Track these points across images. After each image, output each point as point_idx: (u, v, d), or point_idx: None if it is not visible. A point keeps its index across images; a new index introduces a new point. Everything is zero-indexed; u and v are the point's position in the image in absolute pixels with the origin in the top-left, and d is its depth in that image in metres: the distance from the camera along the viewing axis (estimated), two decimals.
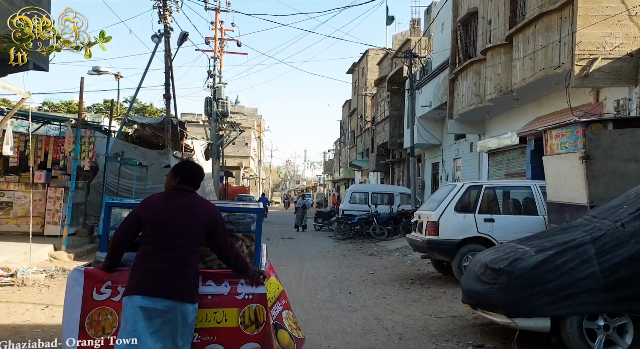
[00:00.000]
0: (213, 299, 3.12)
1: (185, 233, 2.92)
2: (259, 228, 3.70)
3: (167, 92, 17.00)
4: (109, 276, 3.10)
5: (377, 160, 28.86)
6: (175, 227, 2.91)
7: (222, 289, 3.16)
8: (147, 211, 2.98)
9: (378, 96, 28.46)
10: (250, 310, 3.17)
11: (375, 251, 12.62)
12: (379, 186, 23.42)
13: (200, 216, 2.98)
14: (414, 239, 8.18)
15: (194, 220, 2.96)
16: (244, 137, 60.18)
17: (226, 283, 3.18)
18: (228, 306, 3.15)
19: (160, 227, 2.90)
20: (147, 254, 2.89)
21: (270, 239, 16.33)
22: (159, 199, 3.08)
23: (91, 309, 3.08)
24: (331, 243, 15.30)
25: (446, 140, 19.45)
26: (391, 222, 16.63)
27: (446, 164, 19.29)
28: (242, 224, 3.96)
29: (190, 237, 2.93)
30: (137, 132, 19.98)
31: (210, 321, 3.09)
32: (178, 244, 2.89)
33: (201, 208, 3.04)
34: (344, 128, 42.17)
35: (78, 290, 3.10)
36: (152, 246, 2.89)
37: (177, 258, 2.88)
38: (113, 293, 3.10)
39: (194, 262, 2.96)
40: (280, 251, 12.62)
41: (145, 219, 2.95)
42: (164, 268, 2.84)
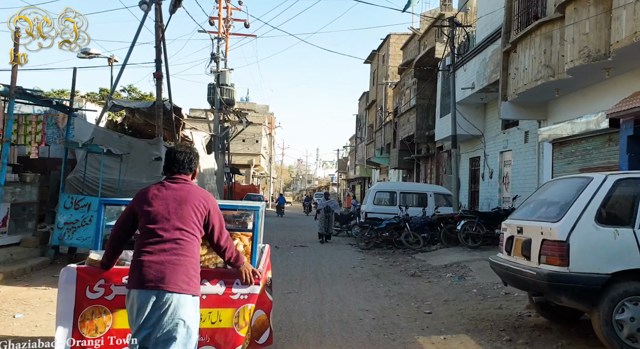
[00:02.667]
0: (208, 299, 3.09)
1: (178, 223, 2.77)
2: (256, 227, 3.55)
3: (158, 71, 14.15)
4: (102, 274, 3.09)
5: (400, 156, 25.84)
6: (167, 217, 2.77)
7: (217, 288, 3.14)
8: (139, 204, 2.85)
9: (402, 84, 25.42)
10: (245, 311, 3.15)
11: (416, 268, 9.62)
12: (408, 184, 20.24)
13: (192, 205, 2.82)
14: (511, 268, 4.85)
15: (185, 209, 2.80)
16: (254, 134, 57.63)
17: (221, 282, 3.16)
18: (223, 306, 3.12)
19: (151, 218, 2.77)
20: (142, 246, 2.77)
21: (279, 247, 13.43)
22: (150, 190, 2.89)
23: (84, 307, 3.09)
24: (354, 254, 12.33)
25: (490, 130, 16.37)
26: (426, 228, 13.62)
27: (490, 158, 16.21)
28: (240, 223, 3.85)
29: (183, 226, 2.78)
30: (127, 120, 17.19)
31: (205, 321, 3.07)
32: (171, 235, 2.75)
33: (193, 197, 2.85)
34: (361, 123, 39.17)
35: (71, 288, 3.10)
36: (146, 239, 2.78)
37: (172, 249, 2.74)
38: (106, 292, 3.10)
39: (191, 251, 2.79)
40: (290, 267, 9.69)
41: (138, 212, 2.83)
42: (159, 259, 2.71)
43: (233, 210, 4.05)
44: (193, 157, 3.00)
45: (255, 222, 3.63)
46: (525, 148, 13.69)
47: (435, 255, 11.18)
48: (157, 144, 14.31)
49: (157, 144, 14.31)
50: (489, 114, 16.45)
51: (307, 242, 15.16)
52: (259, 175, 61.87)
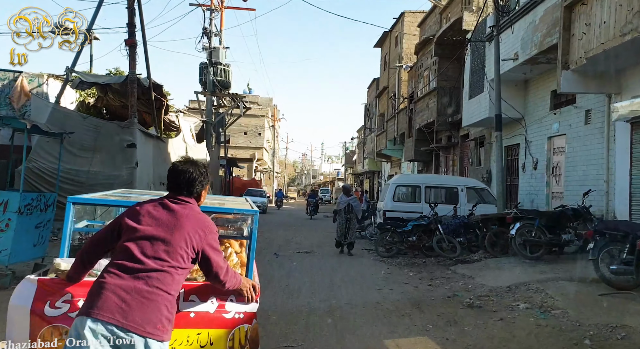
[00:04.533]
0: (196, 318, 2.64)
1: (163, 251, 2.33)
2: (253, 233, 2.99)
3: (131, 37, 11.54)
4: (69, 288, 2.59)
5: (416, 146, 23.10)
6: (152, 241, 2.34)
7: (207, 306, 2.68)
8: (129, 217, 2.44)
9: (419, 66, 22.66)
10: (242, 332, 2.71)
11: (466, 290, 6.94)
12: (434, 176, 17.19)
13: (187, 234, 2.37)
14: None
15: (177, 237, 2.36)
16: (257, 126, 55.04)
17: (213, 299, 2.68)
18: (215, 327, 2.67)
19: (134, 237, 2.36)
20: (112, 266, 2.32)
21: (280, 254, 10.81)
22: (146, 206, 2.48)
23: (41, 328, 2.58)
24: (375, 265, 9.69)
25: (533, 111, 13.63)
26: (462, 230, 10.95)
27: (533, 145, 13.48)
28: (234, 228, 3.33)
29: (168, 256, 2.33)
30: (100, 102, 14.58)
31: (193, 344, 2.62)
32: (151, 262, 2.30)
33: (190, 225, 2.40)
34: (370, 112, 36.41)
35: (25, 304, 2.56)
36: (120, 259, 2.33)
37: (147, 278, 2.27)
38: (71, 308, 2.57)
39: (169, 285, 2.30)
40: (293, 289, 7.05)
41: (124, 227, 2.42)
42: (127, 286, 2.23)
43: (227, 214, 3.36)
44: (198, 177, 2.49)
45: (252, 229, 3.02)
46: (586, 131, 10.95)
47: (484, 269, 8.48)
48: (130, 128, 11.70)
49: (129, 127, 11.71)
50: (532, 92, 13.70)
51: (313, 247, 12.51)
52: (261, 169, 59.28)
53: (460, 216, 11.34)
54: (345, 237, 11.37)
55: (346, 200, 11.70)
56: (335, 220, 11.76)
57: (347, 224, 11.37)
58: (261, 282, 7.48)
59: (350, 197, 11.92)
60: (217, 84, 18.17)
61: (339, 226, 11.49)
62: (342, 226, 11.39)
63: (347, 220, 11.39)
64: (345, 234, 11.36)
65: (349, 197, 11.85)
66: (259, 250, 11.36)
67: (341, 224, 11.43)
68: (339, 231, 11.49)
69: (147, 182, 12.42)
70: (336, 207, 11.98)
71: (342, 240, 11.41)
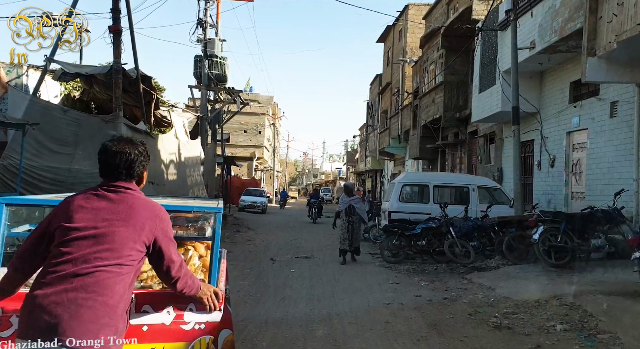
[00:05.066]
0: (150, 331, 2.31)
1: (105, 249, 1.99)
2: (216, 234, 2.68)
3: (115, 23, 10.62)
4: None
5: (422, 144, 22.17)
6: (89, 240, 2.00)
7: (162, 317, 2.35)
8: (58, 216, 2.09)
9: (424, 60, 21.71)
10: (202, 345, 2.38)
11: (488, 304, 6.01)
12: (443, 175, 16.00)
13: (132, 226, 2.05)
14: None
15: (121, 231, 2.03)
16: (257, 124, 54.17)
17: (169, 308, 2.37)
18: (171, 340, 2.34)
19: (67, 239, 2.01)
20: (42, 276, 1.99)
21: (277, 259, 9.89)
22: (76, 199, 2.12)
23: None
24: (381, 272, 8.76)
25: (549, 105, 12.69)
26: (475, 234, 10.02)
27: (550, 141, 12.54)
28: (196, 228, 2.96)
29: (111, 255, 1.99)
30: (87, 95, 13.67)
31: None
32: (89, 265, 1.96)
33: (136, 215, 2.08)
34: (373, 109, 35.47)
35: None
36: (51, 266, 1.99)
37: (83, 285, 1.92)
38: (3, 326, 2.19)
39: (112, 290, 1.96)
40: (289, 301, 6.14)
41: (56, 228, 2.06)
42: (59, 296, 1.90)
43: (187, 212, 2.98)
44: (136, 158, 2.19)
45: (215, 228, 2.71)
46: (611, 125, 10.01)
47: (505, 278, 7.55)
48: (114, 122, 10.79)
49: (114, 121, 10.80)
50: (549, 84, 12.75)
51: (313, 251, 11.59)
52: (262, 168, 58.40)
53: (473, 218, 10.41)
54: (350, 243, 9.95)
55: (347, 200, 10.24)
56: (336, 225, 10.55)
57: (350, 229, 10.00)
58: (254, 294, 6.63)
59: (352, 197, 10.46)
60: (212, 77, 17.25)
61: (342, 230, 10.10)
62: (345, 231, 10.01)
63: (349, 223, 10.02)
64: (349, 239, 9.94)
65: (351, 198, 10.40)
66: (254, 255, 10.44)
67: (343, 228, 10.08)
68: (341, 235, 10.10)
69: None
70: (337, 209, 10.69)
71: (345, 246, 9.95)
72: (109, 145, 2.21)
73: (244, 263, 9.35)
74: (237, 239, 13.63)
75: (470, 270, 8.67)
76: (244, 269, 8.48)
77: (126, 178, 2.19)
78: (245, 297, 6.28)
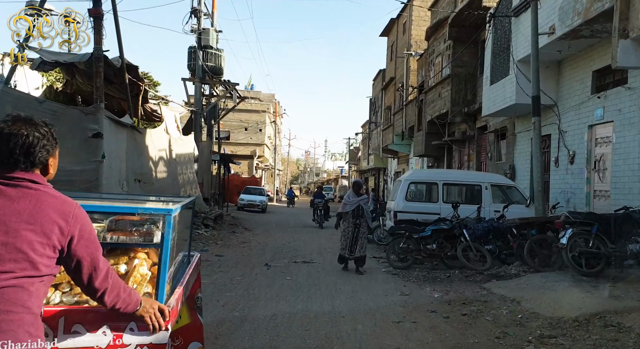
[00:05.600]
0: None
1: (8, 262, 1.65)
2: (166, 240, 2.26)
3: (96, 6, 9.70)
4: None
5: (427, 140, 21.22)
6: None
7: (97, 338, 2.00)
8: None
9: (430, 52, 20.75)
10: None
11: (517, 327, 5.06)
12: (454, 172, 15.23)
13: (38, 228, 1.68)
14: None
15: (23, 235, 1.66)
16: (257, 122, 53.25)
17: (105, 328, 2.00)
18: None
19: None
20: None
21: (272, 265, 8.99)
22: None
23: None
24: (388, 280, 7.83)
25: (568, 96, 11.73)
26: (491, 237, 9.08)
27: (569, 135, 11.58)
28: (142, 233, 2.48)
29: (16, 266, 1.65)
30: (69, 87, 12.77)
31: None
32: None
33: (42, 213, 1.71)
34: (376, 106, 34.51)
35: None
36: None
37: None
38: None
39: (23, 304, 1.66)
40: (281, 319, 5.20)
41: None
42: None
43: (130, 214, 2.52)
44: (36, 141, 1.74)
45: (164, 233, 2.30)
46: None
47: (529, 289, 6.60)
48: (95, 114, 9.88)
49: (95, 113, 9.89)
50: (568, 73, 11.78)
51: (313, 255, 10.67)
52: (263, 167, 57.49)
53: (488, 219, 9.47)
54: (352, 250, 8.57)
55: (356, 200, 8.75)
56: (339, 226, 9.09)
57: (356, 233, 8.61)
58: (240, 309, 5.69)
59: (362, 197, 8.96)
60: (207, 70, 16.32)
61: (344, 235, 8.73)
62: (349, 235, 8.61)
63: (355, 227, 8.62)
64: (352, 247, 8.58)
65: (360, 197, 8.86)
66: (248, 260, 9.51)
67: (347, 232, 8.65)
68: (343, 241, 8.74)
69: (118, 179, 10.60)
70: (341, 209, 9.02)
71: (346, 253, 8.65)
72: (1, 126, 1.76)
73: (235, 269, 8.43)
74: (231, 241, 12.72)
75: (488, 278, 7.74)
76: (234, 277, 7.56)
77: (26, 167, 1.75)
78: (229, 314, 5.36)
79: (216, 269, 8.27)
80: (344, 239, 8.77)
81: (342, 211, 8.88)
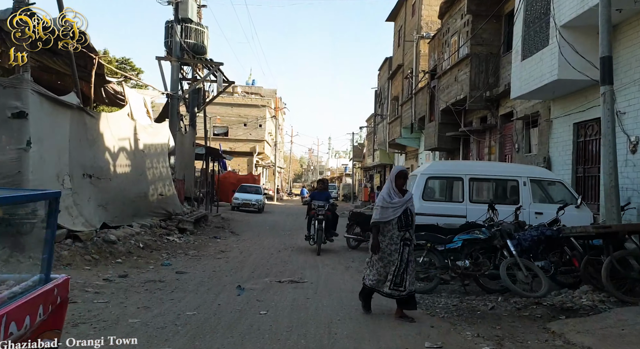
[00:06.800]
0: None
1: None
2: None
3: None
4: None
5: (440, 131, 18.84)
6: None
7: None
8: None
9: (445, 31, 18.34)
10: None
11: None
12: (481, 164, 12.40)
13: None
14: None
15: None
16: (257, 117, 50.92)
17: None
18: None
19: None
20: None
21: (247, 286, 6.69)
22: None
23: None
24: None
25: (627, 68, 9.31)
26: (541, 249, 6.71)
27: (630, 118, 9.19)
28: None
29: None
30: (6, 60, 10.41)
31: None
32: None
33: None
34: (382, 97, 32.11)
35: None
36: None
37: None
38: None
39: None
40: None
41: None
42: None
43: None
44: None
45: None
46: None
47: (629, 338, 4.23)
48: (17, 87, 7.57)
49: (17, 86, 7.58)
50: (628, 40, 9.37)
51: (305, 270, 8.33)
52: (263, 164, 55.17)
53: (538, 226, 7.08)
54: (400, 283, 5.18)
55: (402, 201, 5.28)
56: (376, 249, 5.26)
57: (405, 255, 5.23)
58: None
59: (407, 195, 5.39)
60: (186, 48, 13.98)
61: (384, 259, 5.27)
62: (394, 258, 5.22)
63: (403, 244, 5.23)
64: (398, 277, 5.19)
65: (405, 196, 5.34)
66: (217, 279, 6.97)
67: (390, 254, 5.24)
68: (380, 268, 5.28)
69: (55, 173, 8.29)
70: (378, 217, 5.28)
71: (390, 290, 5.21)
72: None
73: (193, 295, 6.10)
74: (207, 250, 10.40)
75: (550, 311, 5.38)
76: (184, 311, 5.24)
77: None
78: None
79: (166, 297, 5.95)
80: (381, 265, 5.30)
81: (380, 220, 5.28)
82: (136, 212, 11.02)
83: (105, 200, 9.85)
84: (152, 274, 7.41)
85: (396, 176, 5.39)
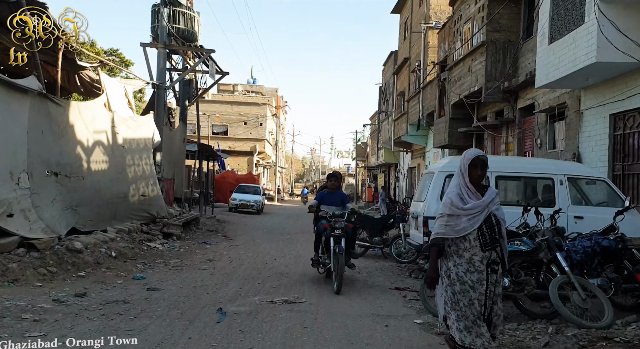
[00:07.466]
0: None
1: None
2: None
3: None
4: None
5: (451, 127, 17.50)
6: None
7: None
8: None
9: (457, 19, 16.99)
10: None
11: None
12: (510, 160, 10.72)
13: None
14: None
15: None
16: (258, 115, 49.63)
17: None
18: None
19: None
20: None
21: (230, 308, 5.32)
22: None
23: None
24: None
25: None
26: (596, 263, 5.38)
27: None
28: None
29: None
30: None
31: None
32: None
33: None
34: (386, 93, 30.78)
35: None
36: None
37: None
38: None
39: None
40: None
41: None
42: None
43: None
44: None
45: None
46: None
47: None
48: None
49: None
50: None
51: (303, 285, 7.00)
52: (264, 164, 53.90)
53: (592, 235, 5.73)
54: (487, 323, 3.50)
55: (482, 204, 3.50)
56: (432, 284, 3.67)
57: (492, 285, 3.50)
58: None
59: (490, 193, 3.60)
60: (174, 33, 12.68)
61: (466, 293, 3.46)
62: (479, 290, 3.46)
63: (489, 270, 3.48)
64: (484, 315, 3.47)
65: (487, 197, 3.55)
66: (196, 298, 5.45)
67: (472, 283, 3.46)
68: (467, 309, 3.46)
69: (8, 170, 7.00)
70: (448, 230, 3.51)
71: (478, 339, 3.42)
72: None
73: (161, 322, 4.79)
74: (192, 258, 9.08)
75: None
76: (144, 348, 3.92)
77: None
78: None
79: (125, 325, 4.64)
80: (471, 308, 3.47)
81: (447, 236, 3.53)
82: (114, 215, 9.74)
83: (76, 201, 8.56)
84: (117, 291, 6.11)
85: (470, 164, 3.51)
